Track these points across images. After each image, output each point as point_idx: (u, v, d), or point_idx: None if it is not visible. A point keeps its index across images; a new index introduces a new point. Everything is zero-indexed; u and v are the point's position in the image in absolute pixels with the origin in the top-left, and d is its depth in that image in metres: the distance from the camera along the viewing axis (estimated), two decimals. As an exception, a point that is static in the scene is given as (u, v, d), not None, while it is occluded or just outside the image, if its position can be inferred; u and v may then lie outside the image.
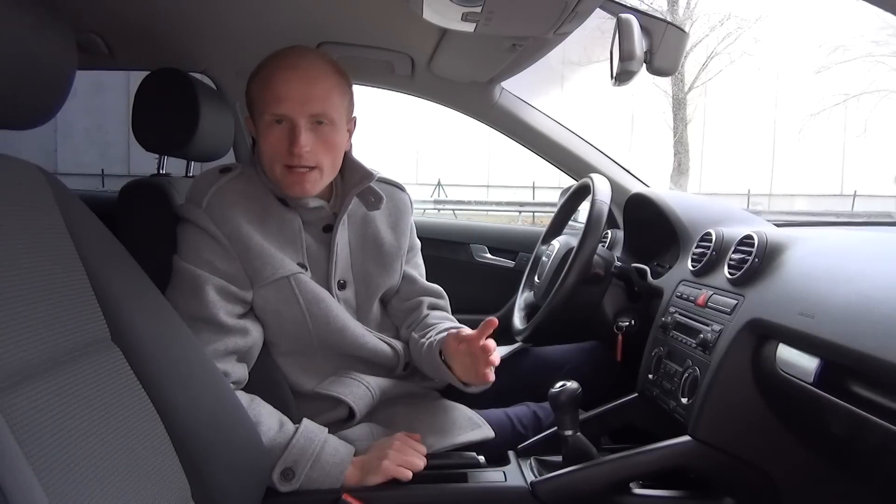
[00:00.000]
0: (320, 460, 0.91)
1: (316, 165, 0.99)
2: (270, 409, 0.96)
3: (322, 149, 0.99)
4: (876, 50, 12.07)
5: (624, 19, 1.04)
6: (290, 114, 0.96)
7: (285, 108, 0.96)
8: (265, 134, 0.99)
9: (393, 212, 1.17)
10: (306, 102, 0.96)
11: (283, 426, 0.94)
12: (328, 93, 0.99)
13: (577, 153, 1.70)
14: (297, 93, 0.96)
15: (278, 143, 0.98)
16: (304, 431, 0.94)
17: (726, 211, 1.30)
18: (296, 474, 0.90)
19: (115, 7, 1.25)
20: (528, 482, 0.96)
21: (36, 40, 0.69)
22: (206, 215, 0.98)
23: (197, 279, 0.96)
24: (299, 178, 0.99)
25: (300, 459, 0.91)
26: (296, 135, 0.96)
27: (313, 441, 0.93)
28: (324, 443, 0.93)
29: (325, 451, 0.93)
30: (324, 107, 0.98)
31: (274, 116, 0.97)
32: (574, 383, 0.98)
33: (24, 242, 0.65)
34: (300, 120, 0.97)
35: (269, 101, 0.97)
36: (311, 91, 0.97)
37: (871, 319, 0.68)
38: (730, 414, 0.91)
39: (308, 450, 0.92)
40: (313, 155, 0.98)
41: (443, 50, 1.34)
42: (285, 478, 0.90)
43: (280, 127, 0.98)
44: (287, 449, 0.91)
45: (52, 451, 0.58)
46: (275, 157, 0.99)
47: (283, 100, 0.96)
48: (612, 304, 1.27)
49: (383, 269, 1.13)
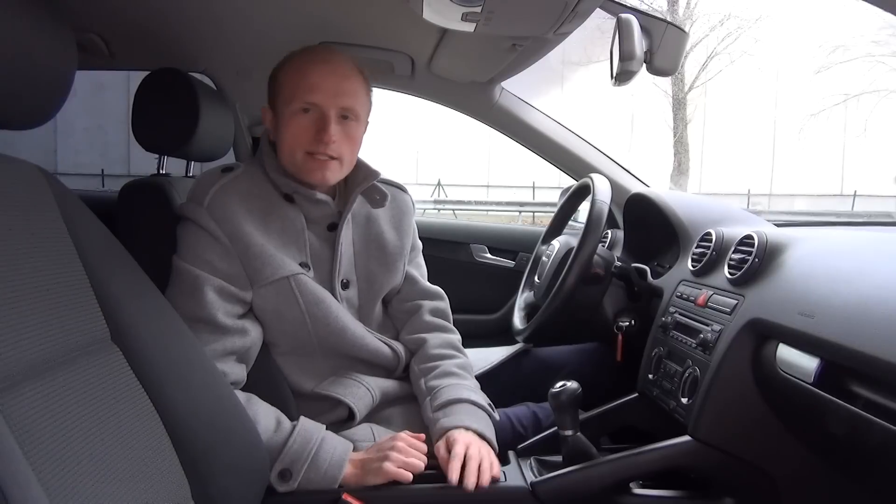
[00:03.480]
0: (317, 460, 0.91)
1: (338, 157, 1.03)
2: (267, 408, 0.96)
3: (346, 142, 1.03)
4: (876, 50, 12.07)
5: (624, 19, 1.04)
6: (321, 103, 1.00)
7: (318, 97, 1.00)
8: (291, 121, 1.01)
9: (395, 212, 1.18)
10: (338, 95, 1.01)
11: (281, 425, 0.94)
12: (357, 90, 1.04)
13: (577, 153, 1.71)
14: (331, 85, 1.00)
15: (305, 130, 1.01)
16: (301, 431, 0.94)
17: (726, 211, 1.30)
18: (293, 475, 0.90)
19: (115, 7, 1.25)
20: (528, 482, 0.96)
21: (36, 40, 0.69)
22: (207, 214, 0.98)
23: (196, 279, 0.96)
24: (321, 164, 1.02)
25: (297, 460, 0.91)
26: (325, 124, 1.00)
27: (310, 441, 0.93)
28: (321, 441, 0.93)
29: (322, 450, 0.92)
30: (353, 102, 1.02)
31: (305, 105, 1.00)
32: (574, 383, 0.98)
33: (24, 242, 0.65)
34: (331, 110, 1.00)
35: (301, 90, 1.00)
36: (344, 85, 1.01)
37: (870, 319, 0.68)
38: (730, 414, 0.91)
39: (305, 450, 0.92)
40: (338, 146, 1.01)
41: (443, 50, 1.35)
42: (283, 478, 0.90)
43: (308, 115, 1.01)
44: (284, 450, 0.91)
45: (51, 451, 0.58)
46: (299, 144, 1.01)
47: (317, 89, 1.00)
48: (612, 304, 1.27)
49: (386, 269, 1.13)
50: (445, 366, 1.10)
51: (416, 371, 1.12)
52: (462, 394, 1.04)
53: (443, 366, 1.10)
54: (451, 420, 1.00)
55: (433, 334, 1.16)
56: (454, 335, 1.19)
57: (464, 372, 1.11)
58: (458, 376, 1.09)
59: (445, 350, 1.14)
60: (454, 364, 1.11)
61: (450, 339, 1.17)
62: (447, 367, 1.10)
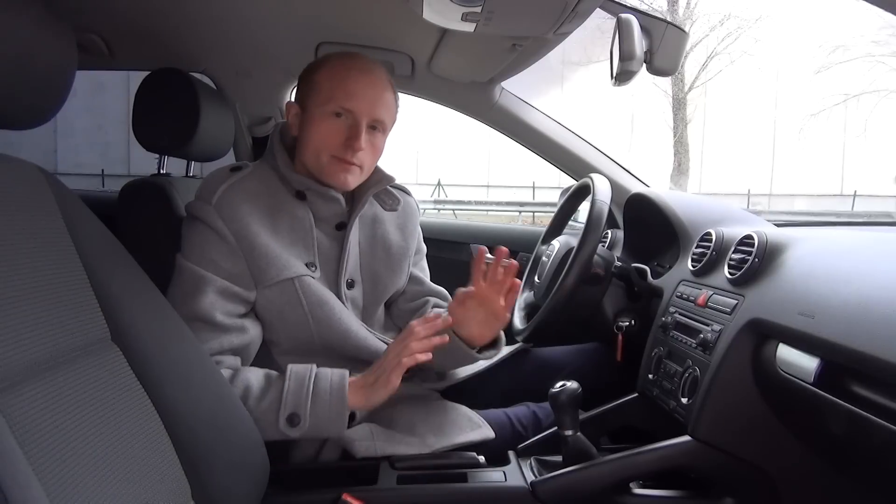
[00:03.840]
0: (318, 392, 0.93)
1: (361, 165, 1.04)
2: (255, 371, 0.97)
3: (371, 151, 1.05)
4: (876, 50, 12.07)
5: (624, 19, 1.04)
6: (357, 111, 1.01)
7: (355, 105, 1.01)
8: (322, 122, 1.02)
9: (401, 214, 1.20)
10: (374, 107, 1.02)
11: (271, 377, 0.96)
12: (390, 104, 1.06)
13: (577, 153, 1.70)
14: (369, 95, 1.02)
15: (336, 134, 1.01)
16: (292, 373, 0.95)
17: (726, 211, 1.30)
18: (300, 416, 0.91)
19: (115, 7, 1.25)
20: (528, 482, 0.96)
21: (36, 40, 0.69)
22: (215, 212, 0.99)
23: (199, 279, 0.96)
24: (344, 169, 1.03)
25: (298, 399, 0.92)
26: (358, 132, 1.01)
27: (304, 377, 0.94)
28: (315, 376, 0.95)
29: (319, 381, 0.94)
30: (386, 115, 1.04)
31: (340, 109, 1.01)
32: (574, 383, 0.98)
33: (24, 242, 0.65)
34: (364, 119, 1.01)
35: (340, 94, 1.01)
36: (381, 97, 1.03)
37: (870, 319, 0.68)
38: (730, 414, 0.91)
39: (302, 388, 0.93)
40: (364, 155, 1.03)
41: (443, 50, 1.35)
42: (292, 424, 0.91)
43: (341, 120, 1.02)
44: (283, 396, 0.92)
45: (51, 451, 0.58)
46: (326, 146, 1.02)
47: (355, 97, 1.01)
48: (612, 304, 1.27)
49: (391, 270, 1.14)
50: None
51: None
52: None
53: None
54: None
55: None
56: None
57: None
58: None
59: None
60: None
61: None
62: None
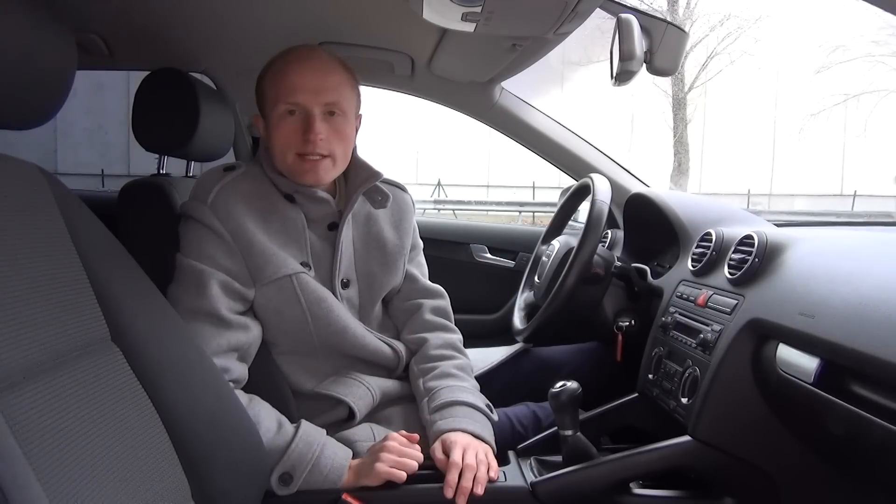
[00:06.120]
0: (318, 465, 0.91)
1: (329, 154, 1.02)
2: (269, 410, 0.96)
3: (335, 138, 1.02)
4: (876, 50, 12.06)
5: (624, 19, 1.04)
6: (304, 103, 1.00)
7: (300, 97, 0.99)
8: (278, 125, 1.01)
9: (396, 211, 1.18)
10: (320, 92, 1.00)
11: (282, 427, 0.94)
12: (340, 84, 1.03)
13: (577, 153, 1.70)
14: (312, 83, 1.00)
15: (292, 133, 1.01)
16: (303, 435, 0.93)
17: (726, 211, 1.30)
18: (294, 479, 0.90)
19: (114, 7, 1.25)
20: (528, 482, 0.96)
21: (36, 40, 0.69)
22: (210, 212, 0.99)
23: (200, 274, 0.96)
24: (312, 165, 1.01)
25: (298, 465, 0.91)
26: (310, 123, 0.99)
27: (312, 445, 0.92)
28: (322, 447, 0.93)
29: (323, 455, 0.92)
30: (337, 97, 1.01)
31: (288, 106, 1.00)
32: (574, 383, 0.98)
33: (24, 242, 0.65)
34: (315, 109, 1.00)
35: (283, 92, 1.00)
36: (325, 81, 1.01)
37: (870, 319, 0.68)
38: (730, 414, 0.91)
39: (307, 455, 0.91)
40: (327, 143, 1.01)
41: (443, 50, 1.34)
42: (283, 482, 0.90)
43: (294, 117, 1.01)
44: (286, 454, 0.91)
45: (51, 451, 0.58)
46: (288, 147, 1.01)
47: (298, 89, 0.99)
48: (612, 304, 1.28)
49: (387, 268, 1.13)
50: (444, 367, 1.10)
51: (415, 371, 1.12)
52: (459, 396, 1.04)
53: (441, 367, 1.10)
54: (447, 423, 0.99)
55: (434, 334, 1.16)
56: (455, 335, 1.19)
57: (462, 373, 1.11)
58: (456, 377, 1.09)
59: (445, 351, 1.13)
60: (453, 365, 1.11)
61: (450, 340, 1.17)
62: (446, 369, 1.10)
